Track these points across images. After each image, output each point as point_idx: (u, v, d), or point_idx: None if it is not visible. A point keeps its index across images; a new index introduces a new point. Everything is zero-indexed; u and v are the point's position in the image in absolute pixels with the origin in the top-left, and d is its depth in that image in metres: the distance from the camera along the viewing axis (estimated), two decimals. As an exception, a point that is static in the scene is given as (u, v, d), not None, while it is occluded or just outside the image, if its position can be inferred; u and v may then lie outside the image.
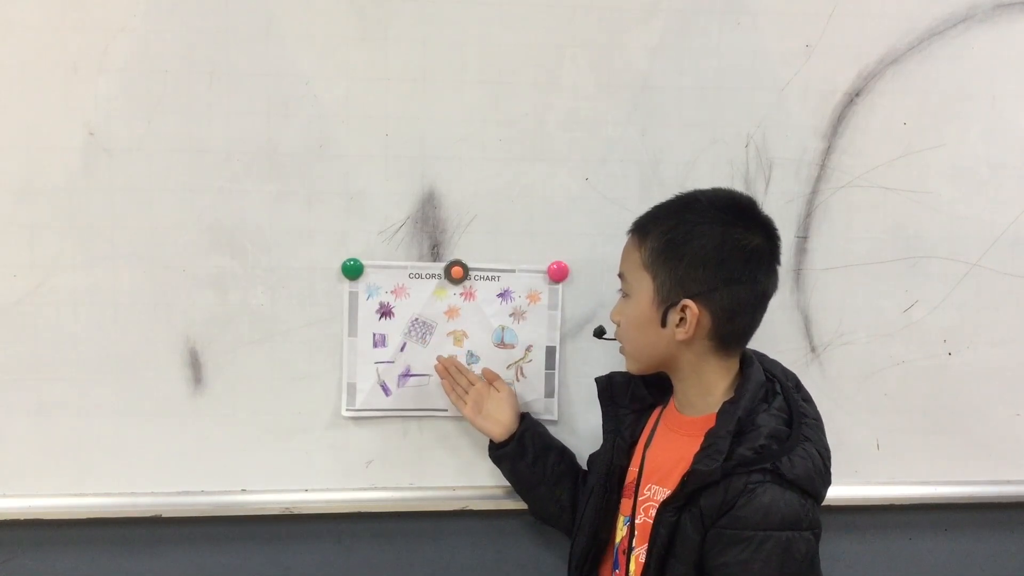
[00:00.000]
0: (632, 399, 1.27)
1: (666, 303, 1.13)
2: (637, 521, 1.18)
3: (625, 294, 1.20)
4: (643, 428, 1.26)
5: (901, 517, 1.53)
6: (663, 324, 1.14)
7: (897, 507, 1.51)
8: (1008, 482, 1.51)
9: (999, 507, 1.54)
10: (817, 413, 1.18)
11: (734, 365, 1.17)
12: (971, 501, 1.52)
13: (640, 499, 1.19)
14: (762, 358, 1.21)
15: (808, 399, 1.20)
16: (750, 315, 1.15)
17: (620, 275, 1.21)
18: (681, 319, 1.12)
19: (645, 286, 1.15)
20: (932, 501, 1.50)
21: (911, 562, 1.56)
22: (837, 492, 1.45)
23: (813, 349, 1.46)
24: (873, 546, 1.54)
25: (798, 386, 1.21)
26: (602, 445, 1.29)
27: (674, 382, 1.21)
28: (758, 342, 1.38)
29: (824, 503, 1.45)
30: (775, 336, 1.43)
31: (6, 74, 1.27)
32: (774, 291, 1.17)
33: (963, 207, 1.45)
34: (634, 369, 1.22)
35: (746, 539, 1.04)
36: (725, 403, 1.12)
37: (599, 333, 1.32)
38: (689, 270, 1.11)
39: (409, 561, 1.46)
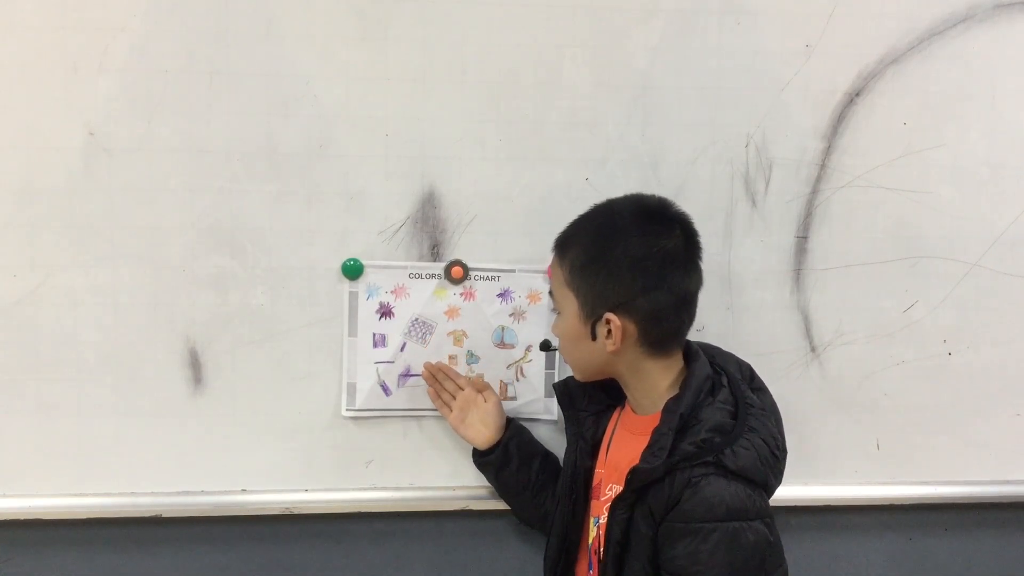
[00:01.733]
0: (590, 401, 1.28)
1: (592, 318, 1.15)
2: (601, 520, 1.19)
3: (557, 311, 1.22)
4: (604, 429, 1.27)
5: (901, 517, 1.53)
6: (593, 337, 1.15)
7: (897, 507, 1.51)
8: (1008, 482, 1.51)
9: (999, 507, 1.54)
10: (770, 403, 1.19)
11: (675, 362, 1.18)
12: (971, 501, 1.52)
13: (603, 499, 1.20)
14: (714, 352, 1.22)
15: (761, 388, 1.20)
16: (675, 317, 1.15)
17: (550, 293, 1.23)
18: (609, 331, 1.13)
19: (570, 303, 1.17)
20: (932, 501, 1.50)
21: (911, 562, 1.55)
22: (837, 492, 1.47)
23: (813, 349, 1.46)
24: (873, 546, 1.54)
25: (752, 376, 1.22)
26: (567, 448, 1.31)
27: (622, 386, 1.22)
28: (759, 342, 1.38)
29: (825, 503, 1.46)
30: (775, 336, 1.44)
31: (6, 74, 1.27)
32: (698, 288, 1.18)
33: (963, 207, 1.45)
34: (580, 379, 1.25)
35: (693, 531, 1.05)
36: (668, 400, 1.13)
37: (546, 347, 1.36)
38: (607, 284, 1.13)
39: (409, 561, 1.46)
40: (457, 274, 1.38)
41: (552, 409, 1.42)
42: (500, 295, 1.39)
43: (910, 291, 1.46)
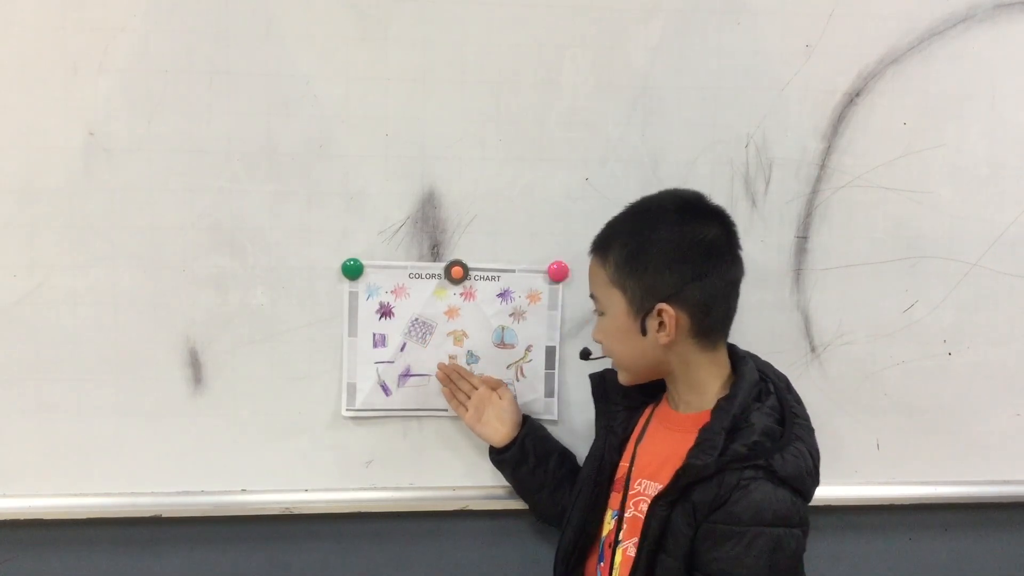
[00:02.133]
0: (624, 396, 1.27)
1: (642, 312, 1.14)
2: (626, 515, 1.18)
3: (600, 312, 1.21)
4: (635, 424, 1.27)
5: (901, 517, 1.53)
6: (643, 332, 1.15)
7: (897, 507, 1.51)
8: (1008, 482, 1.51)
9: (999, 507, 1.54)
10: (807, 415, 1.18)
11: (723, 361, 1.18)
12: (971, 501, 1.52)
13: (630, 493, 1.19)
14: (754, 358, 1.22)
15: (799, 401, 1.20)
16: (725, 304, 1.17)
17: (592, 295, 1.23)
18: (660, 323, 1.13)
19: (617, 301, 1.16)
20: (932, 501, 1.50)
21: (911, 562, 1.56)
22: (837, 492, 1.46)
23: (813, 349, 1.46)
24: (873, 546, 1.54)
25: (788, 387, 1.22)
26: (594, 440, 1.30)
27: (668, 384, 1.22)
28: (759, 342, 1.38)
29: (825, 503, 1.46)
30: (775, 336, 1.43)
31: (6, 74, 1.27)
32: (742, 275, 1.19)
33: (963, 207, 1.45)
34: (628, 380, 1.23)
35: (738, 534, 1.05)
36: (720, 400, 1.12)
37: (585, 355, 1.34)
38: (656, 275, 1.13)
39: (409, 561, 1.47)
40: (457, 274, 1.38)
41: (552, 409, 1.42)
42: (500, 295, 1.39)
43: (910, 291, 1.46)
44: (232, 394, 1.37)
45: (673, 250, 1.13)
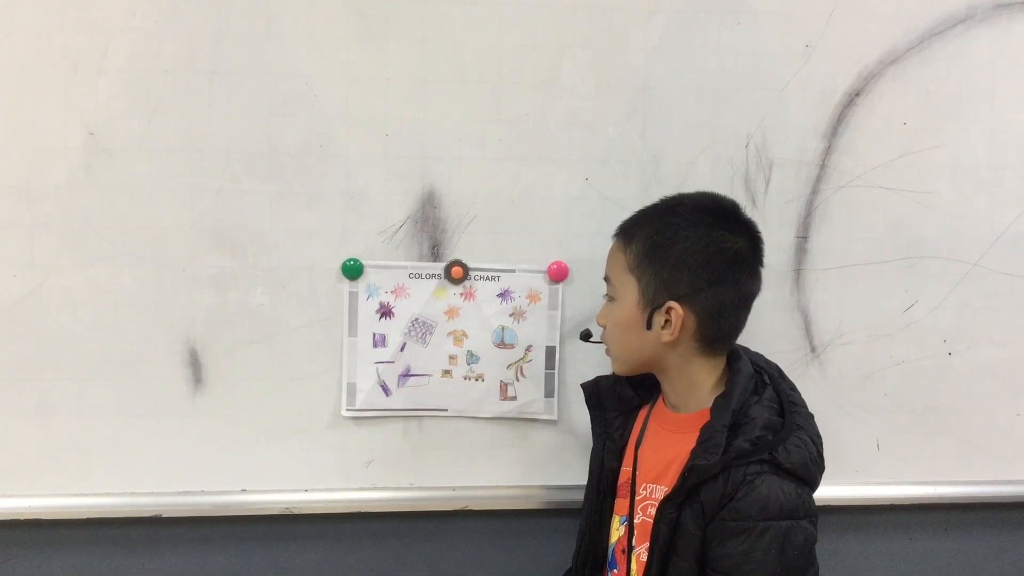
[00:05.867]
0: (619, 401, 1.27)
1: (651, 305, 1.14)
2: (636, 520, 1.18)
3: (611, 297, 1.21)
4: (632, 428, 1.26)
5: (901, 517, 1.53)
6: (648, 326, 1.14)
7: (897, 507, 1.51)
8: (1008, 482, 1.51)
9: (999, 507, 1.54)
10: (803, 401, 1.18)
11: (720, 362, 1.18)
12: (971, 501, 1.52)
13: (637, 499, 1.19)
14: (745, 350, 1.22)
15: (793, 388, 1.20)
16: (734, 316, 1.16)
17: (606, 278, 1.22)
18: (666, 321, 1.13)
19: (630, 289, 1.16)
20: (932, 501, 1.50)
21: (911, 562, 1.56)
22: (837, 492, 1.46)
23: (813, 349, 1.46)
24: (873, 546, 1.54)
25: (781, 375, 1.22)
26: (593, 448, 1.30)
27: (662, 382, 1.21)
28: (759, 342, 1.38)
29: (825, 503, 1.45)
30: (775, 336, 1.43)
31: (6, 74, 1.27)
32: (758, 292, 1.18)
33: (963, 207, 1.45)
34: (620, 371, 1.23)
35: (747, 530, 1.05)
36: (718, 398, 1.12)
37: (585, 336, 1.33)
38: (673, 272, 1.12)
39: (409, 561, 1.47)
40: (457, 274, 1.38)
41: (552, 409, 1.42)
42: (500, 295, 1.39)
43: (910, 291, 1.46)
44: (232, 394, 1.37)
45: (697, 252, 1.12)
